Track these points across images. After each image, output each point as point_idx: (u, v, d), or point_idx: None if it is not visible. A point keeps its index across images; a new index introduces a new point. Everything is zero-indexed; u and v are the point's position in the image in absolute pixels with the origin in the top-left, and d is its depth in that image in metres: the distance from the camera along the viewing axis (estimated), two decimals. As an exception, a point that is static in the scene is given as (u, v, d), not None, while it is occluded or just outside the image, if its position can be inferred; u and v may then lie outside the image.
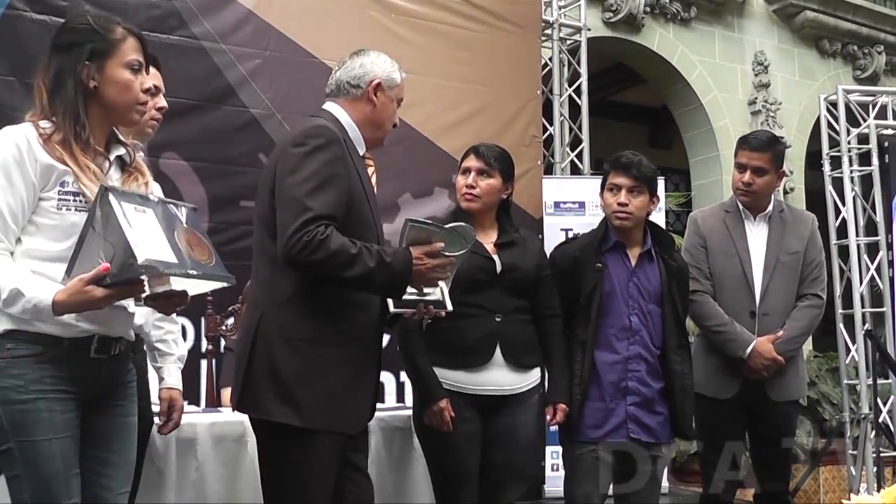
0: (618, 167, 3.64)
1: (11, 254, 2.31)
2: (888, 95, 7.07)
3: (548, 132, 7.10)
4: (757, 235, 4.11)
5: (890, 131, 6.78)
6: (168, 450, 3.43)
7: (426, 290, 2.89)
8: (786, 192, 9.74)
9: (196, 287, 2.40)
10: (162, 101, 2.99)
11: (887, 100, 6.99)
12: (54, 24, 4.77)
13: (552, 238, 5.73)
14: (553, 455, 6.22)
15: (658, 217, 5.85)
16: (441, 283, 2.91)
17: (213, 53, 5.20)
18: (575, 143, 7.36)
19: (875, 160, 6.56)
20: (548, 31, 7.26)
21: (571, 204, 6.49)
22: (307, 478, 2.78)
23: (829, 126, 6.85)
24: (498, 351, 3.43)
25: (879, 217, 6.55)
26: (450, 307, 2.98)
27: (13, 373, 2.29)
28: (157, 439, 3.37)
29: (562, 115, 7.32)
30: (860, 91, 7.26)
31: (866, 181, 6.73)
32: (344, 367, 2.80)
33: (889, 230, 6.43)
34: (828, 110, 6.88)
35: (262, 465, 2.90)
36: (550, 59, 7.29)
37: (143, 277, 2.23)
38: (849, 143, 6.72)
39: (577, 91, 7.37)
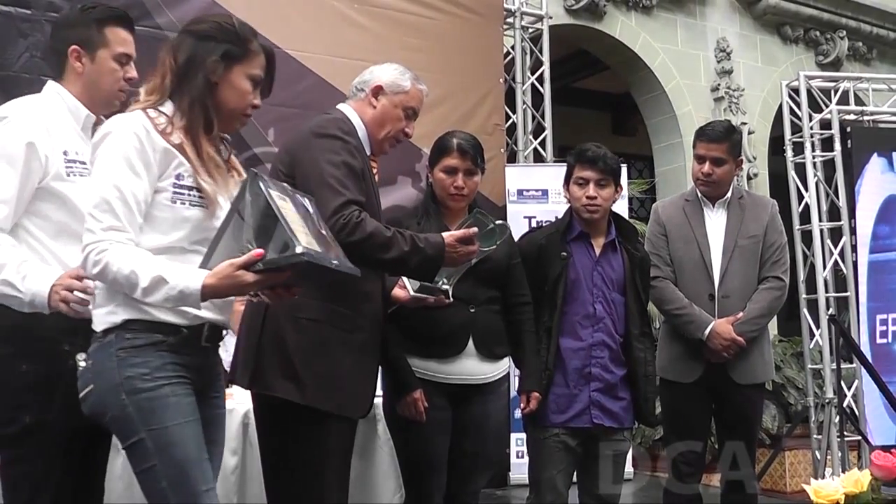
0: (584, 161, 3.72)
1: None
2: (850, 81, 7.23)
3: (510, 120, 7.18)
4: (716, 221, 4.21)
5: (852, 116, 6.92)
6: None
7: (446, 276, 3.10)
8: (749, 178, 9.88)
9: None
10: (132, 71, 2.90)
11: (849, 85, 7.14)
12: (20, 14, 4.77)
13: (516, 226, 5.75)
14: (518, 442, 6.32)
15: (622, 204, 5.94)
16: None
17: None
18: (538, 130, 7.44)
19: (837, 145, 6.69)
20: (510, 20, 7.33)
21: (534, 192, 6.57)
22: (316, 460, 2.88)
23: (792, 112, 6.97)
24: (471, 341, 3.49)
25: (842, 202, 6.68)
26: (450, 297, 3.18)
27: (136, 362, 2.30)
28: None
29: (524, 102, 7.40)
30: (822, 77, 7.41)
31: (829, 166, 6.86)
32: (347, 351, 2.94)
33: (852, 215, 6.55)
34: (790, 96, 7.00)
35: (265, 446, 3.00)
36: (513, 47, 7.37)
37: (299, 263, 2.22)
38: (811, 128, 6.86)
39: (540, 79, 7.45)
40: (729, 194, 4.24)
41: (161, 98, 2.43)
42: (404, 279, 3.30)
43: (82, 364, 2.38)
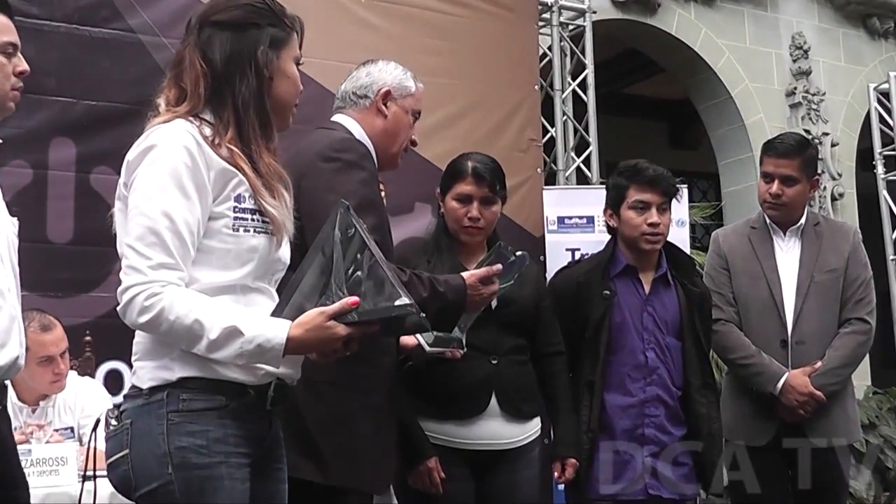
0: (644, 181, 3.75)
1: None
2: (950, 82, 7.19)
3: (548, 134, 7.16)
4: (787, 253, 4.21)
5: (954, 124, 6.89)
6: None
7: (460, 322, 3.10)
8: (834, 199, 9.82)
9: None
10: (22, 64, 2.76)
11: (949, 87, 7.10)
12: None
13: (556, 260, 5.81)
14: (561, 518, 6.28)
15: (682, 233, 5.93)
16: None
17: (152, 49, 5.24)
18: (581, 146, 7.42)
19: (938, 159, 6.67)
20: (546, 16, 7.33)
21: (578, 219, 6.52)
22: None
23: (881, 119, 6.95)
24: (494, 399, 3.51)
25: (946, 227, 6.63)
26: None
27: (193, 430, 2.22)
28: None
29: (564, 113, 7.39)
30: (917, 78, 7.37)
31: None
32: (367, 417, 2.97)
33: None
34: (879, 101, 6.98)
35: None
36: (550, 47, 7.37)
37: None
38: (906, 139, 6.83)
39: (582, 85, 7.44)
40: (803, 220, 4.24)
41: (196, 107, 2.35)
42: None
43: (113, 423, 2.33)
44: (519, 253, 3.21)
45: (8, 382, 2.75)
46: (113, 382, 4.77)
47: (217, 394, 2.25)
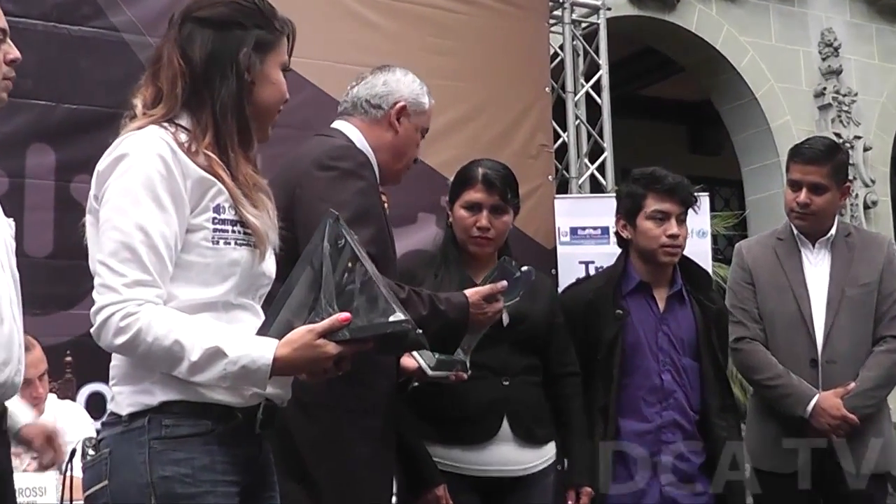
0: (662, 190, 3.73)
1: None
2: None
3: (560, 139, 7.15)
4: (816, 266, 4.17)
5: None
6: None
7: (463, 344, 3.10)
8: (867, 207, 9.81)
9: None
10: (14, 51, 2.71)
11: None
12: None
13: (568, 273, 5.78)
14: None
15: (702, 244, 5.89)
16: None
17: (137, 49, 5.21)
18: (595, 152, 7.40)
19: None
20: (557, 13, 7.32)
21: (592, 230, 6.49)
22: None
23: (917, 122, 6.92)
24: (505, 422, 3.49)
25: None
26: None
27: (177, 458, 2.19)
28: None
29: (577, 117, 7.37)
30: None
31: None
32: (363, 440, 2.95)
33: None
34: (914, 102, 6.95)
35: None
36: (561, 47, 7.35)
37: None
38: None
39: (596, 86, 7.42)
40: (833, 231, 4.20)
41: (172, 110, 2.33)
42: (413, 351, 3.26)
43: (91, 452, 2.30)
44: (525, 268, 3.20)
45: (8, 404, 2.70)
46: (96, 406, 4.70)
47: (202, 418, 2.22)
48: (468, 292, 3.00)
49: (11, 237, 2.83)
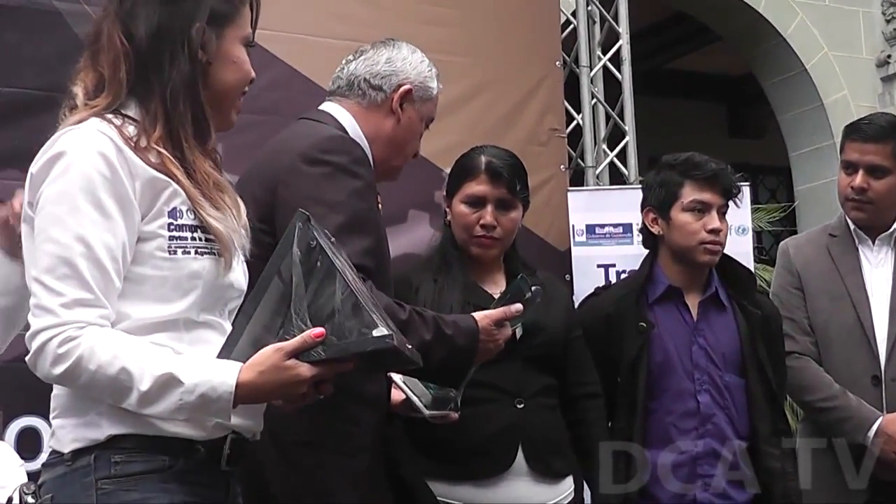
0: (704, 178, 3.74)
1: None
2: None
3: (574, 122, 7.13)
4: (878, 266, 4.17)
5: None
6: None
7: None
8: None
9: None
10: None
11: None
12: None
13: (585, 279, 5.75)
14: None
15: (743, 242, 5.88)
16: None
17: (73, 21, 5.16)
18: (615, 136, 7.38)
19: None
20: (569, -25, 7.33)
21: (612, 228, 6.47)
22: None
23: None
24: (520, 453, 3.48)
25: None
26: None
27: (130, 499, 2.19)
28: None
29: (594, 95, 7.34)
30: None
31: None
32: (348, 485, 2.93)
33: None
34: None
35: None
36: (574, 13, 7.34)
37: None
38: None
39: (616, 59, 7.40)
40: (896, 224, 4.18)
41: (117, 98, 2.33)
42: (402, 384, 3.20)
43: (29, 500, 2.35)
44: (534, 288, 3.16)
45: None
46: (28, 444, 4.67)
47: (158, 453, 2.22)
48: (478, 316, 2.97)
49: None
